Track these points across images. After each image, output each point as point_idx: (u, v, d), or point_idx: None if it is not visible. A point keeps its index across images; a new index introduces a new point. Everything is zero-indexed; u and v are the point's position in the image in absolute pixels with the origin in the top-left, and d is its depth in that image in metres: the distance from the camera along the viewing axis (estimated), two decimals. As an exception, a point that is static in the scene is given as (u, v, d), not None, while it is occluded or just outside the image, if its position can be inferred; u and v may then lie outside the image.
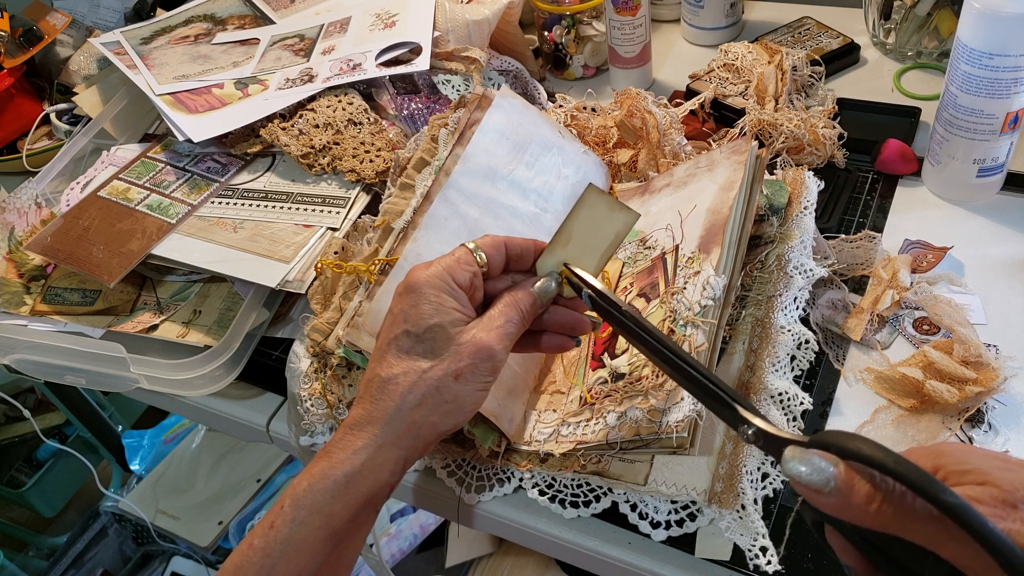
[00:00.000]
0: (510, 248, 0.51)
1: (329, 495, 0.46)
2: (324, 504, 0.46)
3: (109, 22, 1.12)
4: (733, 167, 0.63)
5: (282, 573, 0.45)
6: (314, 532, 0.46)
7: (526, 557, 1.28)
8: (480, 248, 0.50)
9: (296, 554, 0.46)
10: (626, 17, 0.90)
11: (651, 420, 0.52)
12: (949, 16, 0.87)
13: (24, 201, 0.87)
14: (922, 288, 0.66)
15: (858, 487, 0.33)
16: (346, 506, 0.47)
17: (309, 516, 0.46)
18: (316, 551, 0.46)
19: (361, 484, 0.47)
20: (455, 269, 0.49)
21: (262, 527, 0.46)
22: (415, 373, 0.47)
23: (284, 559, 0.46)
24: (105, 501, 1.56)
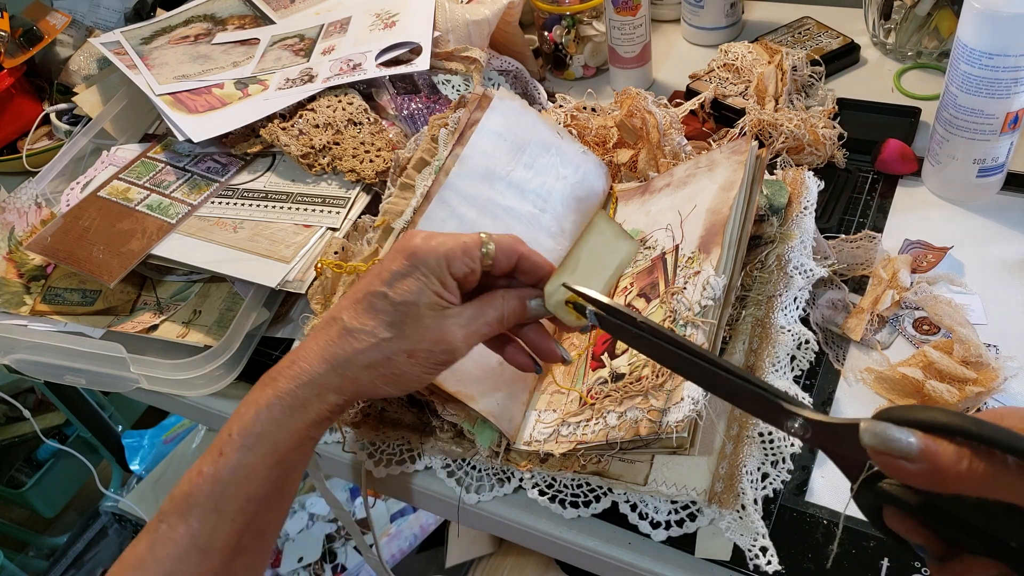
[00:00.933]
0: (523, 261, 0.51)
1: (274, 423, 0.48)
2: (271, 432, 0.48)
3: (109, 22, 1.12)
4: (733, 167, 0.63)
5: (231, 498, 0.47)
6: (261, 459, 0.47)
7: (526, 557, 1.28)
8: (494, 243, 0.50)
9: (244, 481, 0.47)
10: (626, 17, 0.90)
11: (651, 420, 0.52)
12: (949, 16, 0.87)
13: (24, 201, 0.88)
14: (922, 288, 0.66)
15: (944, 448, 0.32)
16: (290, 435, 0.48)
17: (256, 443, 0.47)
18: (263, 478, 0.48)
19: (305, 415, 0.48)
20: (454, 257, 0.49)
21: (211, 455, 0.48)
22: (375, 337, 0.48)
23: (233, 485, 0.47)
24: (105, 501, 1.56)
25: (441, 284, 0.49)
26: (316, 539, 1.46)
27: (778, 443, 0.56)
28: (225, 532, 0.47)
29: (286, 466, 0.49)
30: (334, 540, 1.47)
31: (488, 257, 0.50)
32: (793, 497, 0.56)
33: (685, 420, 0.49)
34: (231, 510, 0.47)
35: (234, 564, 0.47)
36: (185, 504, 0.47)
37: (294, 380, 0.49)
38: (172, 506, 0.47)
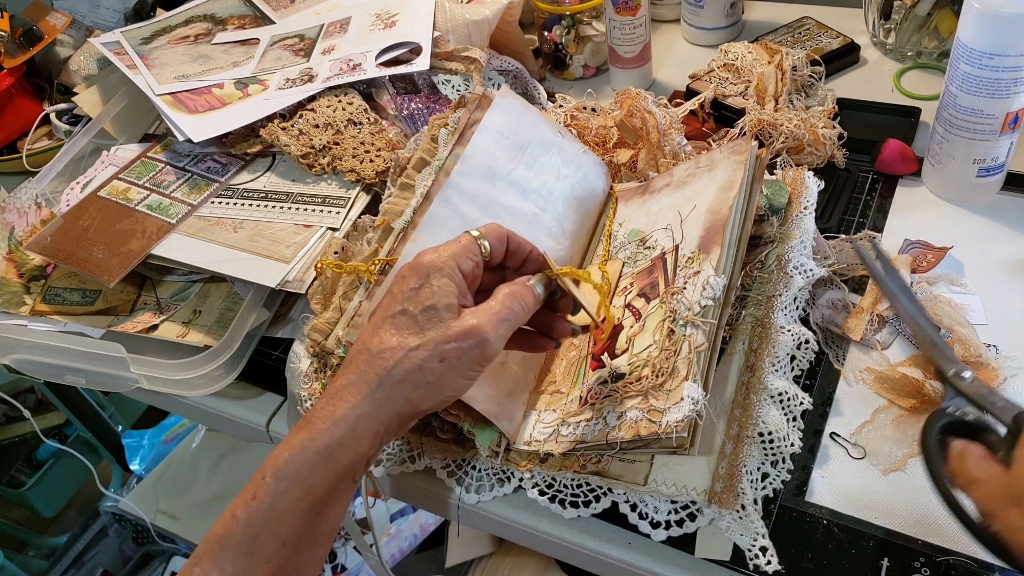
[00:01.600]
0: (511, 241, 0.52)
1: (309, 466, 0.47)
2: (305, 475, 0.47)
3: (109, 22, 1.12)
4: (733, 167, 0.63)
5: (264, 542, 0.46)
6: (295, 503, 0.47)
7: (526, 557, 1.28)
8: (485, 237, 0.51)
9: (278, 524, 0.46)
10: (626, 17, 0.90)
11: (651, 420, 0.52)
12: (949, 16, 0.87)
13: (24, 201, 0.87)
14: (922, 288, 0.66)
15: None
16: (326, 477, 0.47)
17: (290, 487, 0.47)
18: (298, 521, 0.47)
19: (340, 456, 0.47)
20: (461, 256, 0.49)
21: (243, 498, 0.47)
22: (402, 350, 0.47)
23: (266, 529, 0.46)
24: (105, 501, 1.56)
25: (454, 282, 0.49)
26: (316, 539, 1.46)
27: (778, 443, 0.56)
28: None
29: (321, 508, 0.48)
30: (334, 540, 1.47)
31: (485, 248, 0.50)
32: (793, 497, 0.56)
33: (685, 420, 0.49)
34: (265, 554, 0.46)
35: None
36: (219, 547, 0.46)
37: (327, 419, 0.48)
38: (206, 548, 0.46)
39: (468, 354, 0.47)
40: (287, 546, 0.47)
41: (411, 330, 0.48)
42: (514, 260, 0.53)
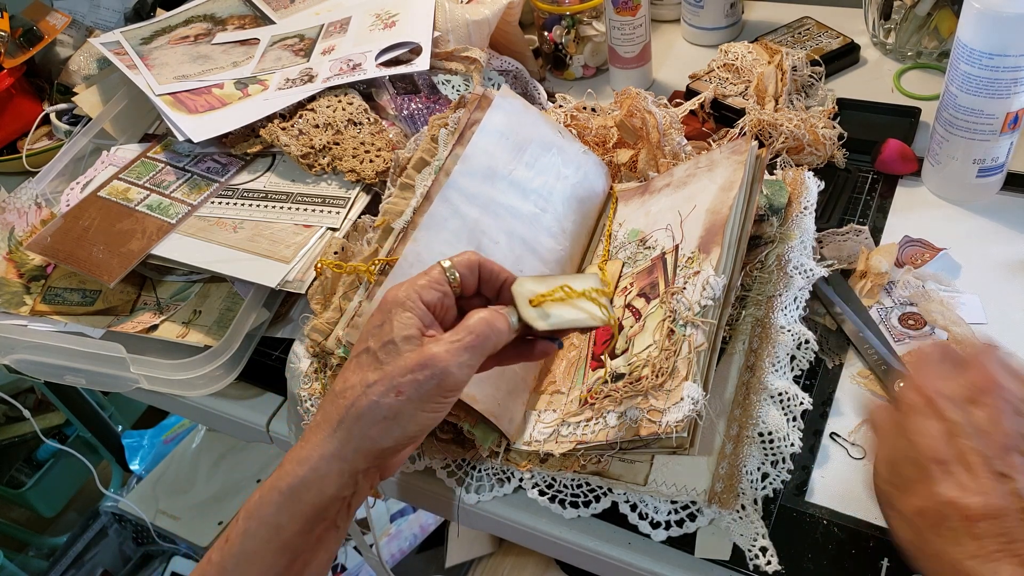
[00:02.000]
0: (483, 269, 0.50)
1: (275, 507, 0.47)
2: (270, 516, 0.46)
3: (109, 22, 1.12)
4: (733, 167, 0.63)
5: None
6: (264, 544, 0.46)
7: (526, 557, 1.28)
8: (454, 267, 0.50)
9: (248, 567, 0.46)
10: (626, 17, 0.90)
11: (651, 420, 0.52)
12: (949, 16, 0.87)
13: (24, 201, 0.87)
14: (912, 283, 0.66)
15: None
16: (293, 518, 0.46)
17: (258, 528, 0.46)
18: (268, 564, 0.46)
19: (304, 495, 0.46)
20: (425, 288, 0.48)
21: (220, 541, 0.47)
22: (361, 386, 0.47)
23: (237, 572, 0.46)
24: (105, 501, 1.56)
25: (414, 315, 0.47)
26: (316, 539, 1.46)
27: (778, 443, 0.56)
28: None
29: (295, 551, 0.47)
30: None
31: (454, 277, 0.49)
32: (793, 497, 0.56)
33: (685, 420, 0.49)
34: None
35: None
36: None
37: (294, 460, 0.47)
38: None
39: (425, 386, 0.45)
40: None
41: (371, 367, 0.47)
42: (488, 288, 0.51)
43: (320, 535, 0.48)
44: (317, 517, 0.47)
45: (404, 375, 0.45)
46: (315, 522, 0.47)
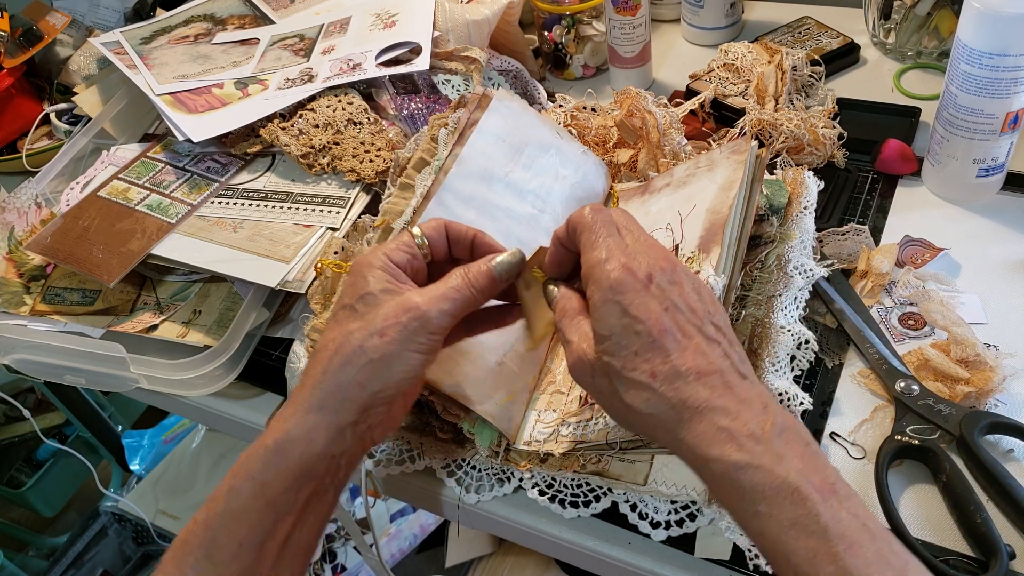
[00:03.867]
0: (450, 231, 0.52)
1: (261, 463, 0.46)
2: (256, 472, 0.46)
3: (109, 22, 1.12)
4: (733, 167, 0.63)
5: (222, 545, 0.45)
6: (250, 501, 0.46)
7: (526, 557, 1.28)
8: (423, 232, 0.51)
9: (234, 525, 0.45)
10: (626, 17, 0.90)
11: None
12: (949, 16, 0.87)
13: (24, 201, 0.87)
14: (913, 282, 0.66)
15: None
16: (279, 475, 0.46)
17: (243, 485, 0.46)
18: (254, 522, 0.46)
19: (291, 450, 0.46)
20: (393, 250, 0.50)
21: (207, 502, 0.47)
22: (342, 335, 0.47)
23: (223, 531, 0.45)
24: (105, 501, 1.56)
25: (387, 272, 0.49)
26: (316, 539, 1.46)
27: (778, 443, 0.56)
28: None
29: (280, 511, 0.46)
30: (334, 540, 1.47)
31: (422, 242, 0.51)
32: (793, 497, 0.56)
33: None
34: (223, 558, 0.45)
35: None
36: (181, 552, 0.46)
37: (280, 418, 0.48)
38: (170, 555, 0.46)
39: (409, 327, 0.46)
40: (246, 549, 0.45)
41: (350, 319, 0.48)
42: (460, 249, 0.52)
43: (308, 497, 0.47)
44: (304, 475, 0.46)
45: (387, 320, 0.46)
46: (302, 481, 0.47)
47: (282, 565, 0.47)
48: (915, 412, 0.57)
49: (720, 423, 0.40)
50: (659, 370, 0.42)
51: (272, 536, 0.46)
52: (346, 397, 0.46)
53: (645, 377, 0.42)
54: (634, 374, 0.42)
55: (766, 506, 0.38)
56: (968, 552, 0.51)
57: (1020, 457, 0.55)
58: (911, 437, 0.55)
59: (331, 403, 0.46)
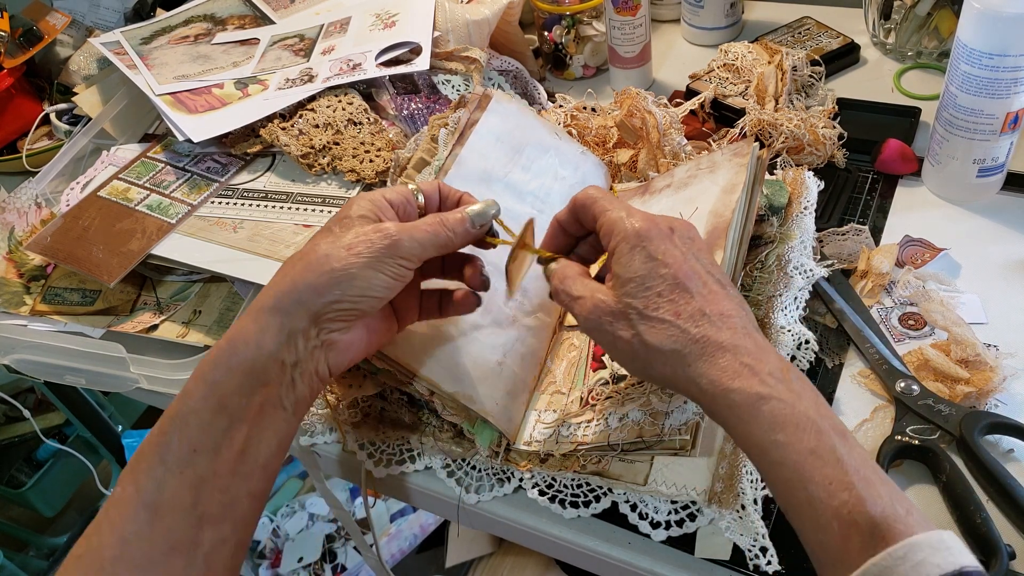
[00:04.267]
0: (442, 189, 0.54)
1: (212, 363, 0.46)
2: (207, 373, 0.46)
3: (109, 22, 1.12)
4: (735, 169, 0.63)
5: (175, 449, 0.45)
6: (201, 403, 0.45)
7: (526, 557, 1.28)
8: (419, 188, 0.53)
9: (185, 426, 0.45)
10: (626, 17, 0.90)
11: (653, 422, 0.52)
12: (949, 16, 0.87)
13: (24, 201, 0.88)
14: (913, 283, 0.66)
15: None
16: (229, 372, 0.46)
17: (196, 386, 0.46)
18: (205, 424, 0.45)
19: (241, 348, 0.46)
20: (389, 191, 0.51)
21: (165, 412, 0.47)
22: (311, 246, 0.48)
23: (176, 433, 0.45)
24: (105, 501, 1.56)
25: (376, 205, 0.49)
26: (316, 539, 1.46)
27: (778, 443, 0.56)
28: (172, 487, 0.44)
29: (232, 416, 0.45)
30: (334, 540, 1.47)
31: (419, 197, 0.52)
32: (793, 497, 0.56)
33: (688, 424, 0.49)
34: (176, 461, 0.44)
35: (200, 534, 0.44)
36: (135, 462, 0.45)
37: (236, 321, 0.48)
38: (126, 468, 0.45)
39: (376, 244, 0.47)
40: (200, 455, 0.44)
41: (324, 237, 0.48)
42: (448, 207, 0.54)
43: (261, 405, 0.46)
44: (255, 377, 0.46)
45: (357, 236, 0.47)
46: (253, 384, 0.46)
47: (238, 480, 0.46)
48: (915, 412, 0.57)
49: (743, 359, 0.42)
50: (683, 310, 0.44)
51: (227, 444, 0.45)
52: (300, 300, 0.46)
53: (669, 315, 0.44)
54: (658, 312, 0.44)
55: (784, 435, 0.40)
56: None
57: (1020, 457, 0.55)
58: (911, 437, 0.55)
59: (285, 304, 0.46)
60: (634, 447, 0.53)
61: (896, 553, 0.36)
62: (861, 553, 0.37)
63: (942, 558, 0.36)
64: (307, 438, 0.65)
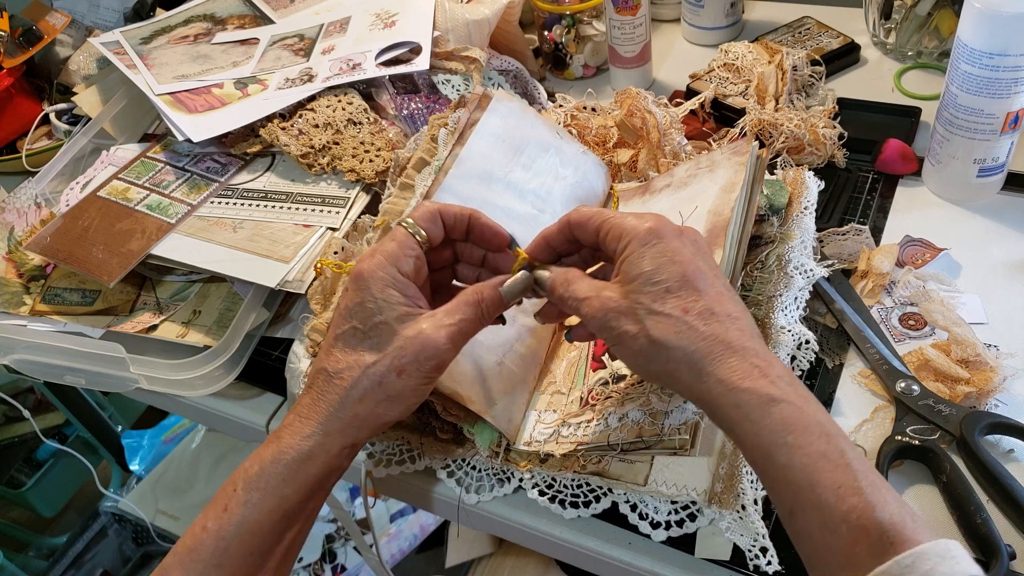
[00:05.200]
0: (445, 216, 0.51)
1: (281, 478, 0.48)
2: (277, 487, 0.48)
3: (109, 22, 1.12)
4: (735, 168, 0.63)
5: (235, 554, 0.47)
6: (267, 514, 0.48)
7: (526, 557, 1.28)
8: (417, 224, 0.50)
9: (249, 536, 0.47)
10: (626, 17, 0.90)
11: (653, 421, 0.52)
12: (949, 16, 0.87)
13: (24, 201, 0.87)
14: (913, 283, 0.66)
15: None
16: (297, 489, 0.48)
17: (263, 499, 0.48)
18: (267, 532, 0.48)
19: (311, 467, 0.48)
20: (399, 258, 0.49)
21: (215, 510, 0.48)
22: (359, 368, 0.48)
23: (237, 541, 0.47)
24: (105, 501, 1.56)
25: (399, 290, 0.48)
26: (316, 539, 1.46)
27: (778, 443, 0.56)
28: None
29: (293, 520, 0.49)
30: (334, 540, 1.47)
31: (421, 236, 0.50)
32: (793, 497, 0.56)
33: (688, 423, 0.49)
34: (234, 565, 0.47)
35: None
36: (189, 559, 0.47)
37: (296, 434, 0.49)
38: (175, 560, 0.47)
39: (424, 365, 0.48)
40: (256, 556, 0.48)
41: (364, 346, 0.48)
42: (457, 232, 0.52)
43: (315, 504, 0.50)
44: (318, 487, 0.49)
45: (404, 357, 0.47)
46: (316, 492, 0.50)
47: (283, 567, 0.50)
48: (915, 412, 0.56)
49: (752, 360, 0.42)
50: (692, 307, 0.44)
51: (280, 543, 0.49)
52: (364, 425, 0.49)
53: (677, 311, 0.44)
54: (665, 307, 0.44)
55: (794, 438, 0.40)
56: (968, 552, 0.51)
57: (1020, 457, 0.55)
58: (911, 437, 0.55)
59: (350, 431, 0.49)
60: (633, 447, 0.53)
61: (903, 562, 0.36)
62: (869, 557, 0.37)
63: (949, 567, 0.36)
64: (307, 438, 0.65)
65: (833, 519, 0.38)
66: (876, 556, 0.37)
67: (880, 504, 0.38)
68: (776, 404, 0.41)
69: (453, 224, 0.52)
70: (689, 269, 0.45)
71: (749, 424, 0.41)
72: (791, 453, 0.40)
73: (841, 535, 0.38)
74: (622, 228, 0.47)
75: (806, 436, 0.40)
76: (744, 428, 0.42)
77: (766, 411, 0.41)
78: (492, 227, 0.52)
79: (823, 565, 0.40)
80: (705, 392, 0.43)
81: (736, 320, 0.44)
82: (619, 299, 0.45)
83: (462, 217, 0.52)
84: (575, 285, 0.48)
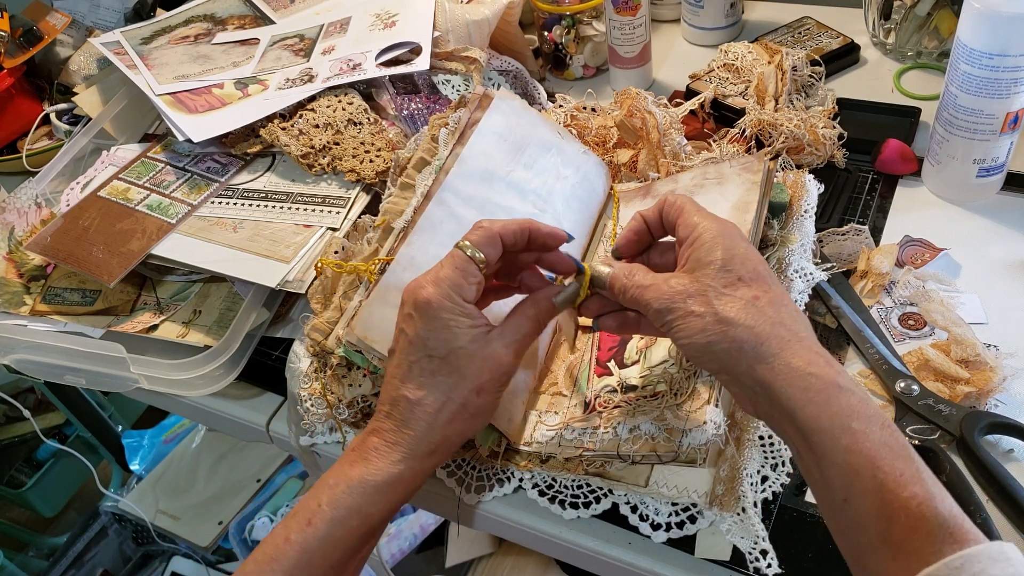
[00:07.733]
0: (504, 237, 0.52)
1: (368, 499, 0.50)
2: (363, 506, 0.50)
3: (109, 22, 1.12)
4: (746, 186, 0.63)
5: (316, 566, 0.49)
6: (351, 531, 0.50)
7: (526, 557, 1.28)
8: (476, 247, 0.51)
9: (332, 551, 0.50)
10: (626, 17, 0.90)
11: (669, 438, 0.52)
12: (949, 16, 0.87)
13: (24, 201, 0.87)
14: (913, 283, 0.66)
15: None
16: (381, 509, 0.51)
17: (348, 516, 0.50)
18: (348, 547, 0.50)
19: (399, 489, 0.51)
20: (462, 286, 0.50)
21: (298, 523, 0.50)
22: (443, 394, 0.51)
23: (320, 555, 0.49)
24: (105, 501, 1.56)
25: (466, 316, 0.50)
26: (316, 539, 1.46)
27: (778, 446, 0.56)
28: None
29: (373, 535, 0.52)
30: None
31: (481, 261, 0.51)
32: (793, 497, 0.56)
33: (708, 445, 0.50)
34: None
35: None
36: (269, 568, 0.49)
37: (385, 459, 0.51)
38: (255, 568, 0.49)
39: (499, 382, 0.52)
40: (335, 569, 0.50)
41: (443, 372, 0.50)
42: (517, 247, 0.53)
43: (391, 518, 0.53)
44: (400, 505, 0.53)
45: (483, 377, 0.51)
46: (396, 510, 0.53)
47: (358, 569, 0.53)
48: (915, 412, 0.57)
49: (817, 351, 0.44)
50: (762, 295, 0.46)
51: (358, 555, 0.52)
52: (452, 446, 0.53)
53: (748, 296, 0.45)
54: (737, 292, 0.46)
55: (859, 424, 0.41)
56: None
57: (1020, 457, 0.55)
58: (911, 437, 0.55)
59: (441, 451, 0.52)
60: (646, 460, 0.53)
61: (952, 563, 0.36)
62: (927, 546, 0.37)
63: (1001, 569, 0.36)
64: (307, 438, 0.65)
65: (892, 505, 0.39)
66: (934, 546, 0.37)
67: (940, 496, 0.39)
68: (842, 391, 0.42)
69: (513, 242, 0.53)
70: (760, 267, 0.47)
71: (814, 408, 0.42)
72: (855, 438, 0.41)
73: (899, 522, 0.38)
74: (696, 224, 0.49)
75: (870, 424, 0.41)
76: (808, 412, 0.42)
77: (833, 396, 0.42)
78: (551, 233, 0.53)
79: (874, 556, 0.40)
80: (767, 372, 0.43)
81: (801, 317, 0.46)
82: (688, 283, 0.47)
83: (521, 233, 0.53)
84: (638, 276, 0.49)
